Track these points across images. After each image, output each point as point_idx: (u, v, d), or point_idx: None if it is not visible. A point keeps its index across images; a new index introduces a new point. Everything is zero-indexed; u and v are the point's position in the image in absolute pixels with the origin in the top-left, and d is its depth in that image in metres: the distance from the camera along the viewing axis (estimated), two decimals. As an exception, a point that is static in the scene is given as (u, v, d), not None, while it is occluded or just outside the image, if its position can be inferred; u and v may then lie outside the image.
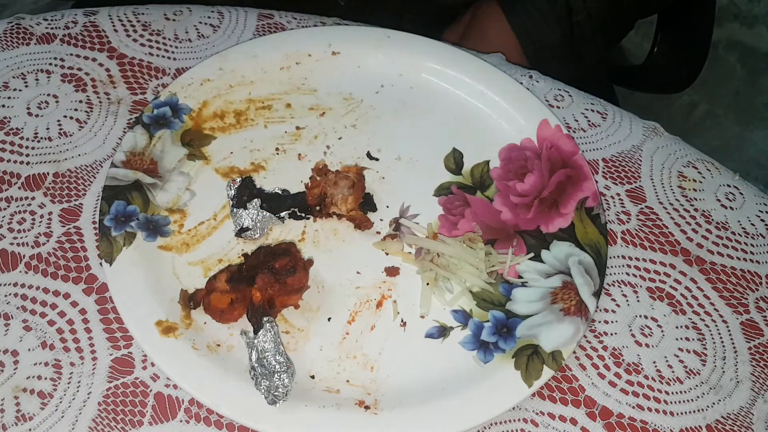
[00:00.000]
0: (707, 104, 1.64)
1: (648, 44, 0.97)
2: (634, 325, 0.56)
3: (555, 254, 0.57)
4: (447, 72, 0.68)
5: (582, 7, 0.77)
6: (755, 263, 0.61)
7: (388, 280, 0.56)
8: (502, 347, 0.52)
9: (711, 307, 0.58)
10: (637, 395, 0.53)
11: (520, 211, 0.60)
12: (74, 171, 0.60)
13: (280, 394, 0.47)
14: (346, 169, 0.59)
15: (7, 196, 0.58)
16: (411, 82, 0.68)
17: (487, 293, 0.55)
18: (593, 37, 0.80)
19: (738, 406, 0.53)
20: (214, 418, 0.49)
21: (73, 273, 0.54)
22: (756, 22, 1.57)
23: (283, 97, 0.66)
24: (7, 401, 0.49)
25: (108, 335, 0.52)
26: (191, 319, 0.52)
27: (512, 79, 0.67)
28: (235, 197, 0.56)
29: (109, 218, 0.55)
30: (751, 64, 1.60)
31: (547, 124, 0.64)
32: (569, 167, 0.62)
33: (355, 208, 0.57)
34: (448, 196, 0.61)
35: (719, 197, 0.65)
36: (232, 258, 0.56)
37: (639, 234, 0.61)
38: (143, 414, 0.49)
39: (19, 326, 0.52)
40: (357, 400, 0.49)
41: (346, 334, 0.53)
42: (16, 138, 0.62)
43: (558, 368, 0.51)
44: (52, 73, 0.66)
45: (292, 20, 0.72)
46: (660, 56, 0.97)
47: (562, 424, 0.51)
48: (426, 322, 0.54)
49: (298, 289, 0.52)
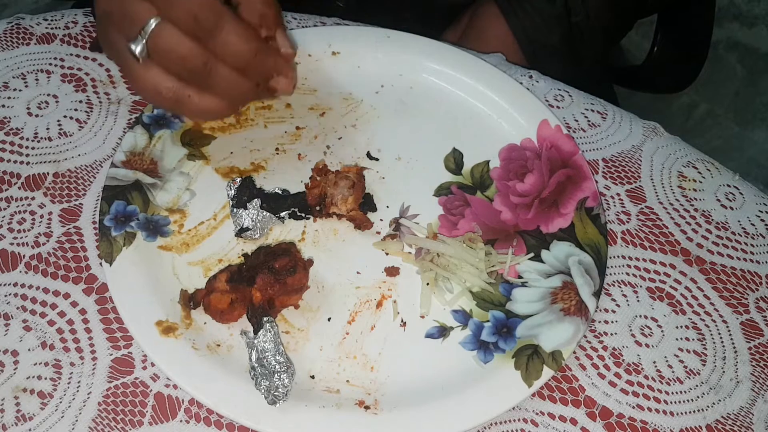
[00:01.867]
0: (707, 104, 1.64)
1: (648, 44, 0.97)
2: (634, 325, 0.56)
3: (555, 254, 0.57)
4: (447, 72, 0.68)
5: (581, 7, 0.77)
6: (755, 263, 0.61)
7: (388, 280, 0.56)
8: (502, 347, 0.52)
9: (711, 307, 0.58)
10: (637, 395, 0.53)
11: (520, 211, 0.60)
12: (74, 171, 0.60)
13: (280, 394, 0.47)
14: (346, 169, 0.59)
15: (7, 196, 0.58)
16: (411, 82, 0.68)
17: (487, 293, 0.55)
18: (592, 38, 0.80)
19: (738, 406, 0.53)
20: (214, 418, 0.49)
21: (73, 273, 0.54)
22: (756, 22, 1.57)
23: (283, 97, 0.66)
24: (7, 401, 0.49)
25: (108, 335, 0.52)
26: (191, 319, 0.52)
27: (512, 79, 0.67)
28: (235, 197, 0.56)
29: (109, 218, 0.55)
30: (751, 64, 1.60)
31: (547, 124, 0.64)
32: (569, 167, 0.62)
33: (355, 208, 0.57)
34: (448, 196, 0.61)
35: (719, 197, 0.65)
36: (232, 258, 0.56)
37: (639, 234, 0.61)
38: (143, 414, 0.49)
39: (19, 326, 0.52)
40: (357, 400, 0.49)
41: (346, 334, 0.53)
42: (16, 138, 0.62)
43: (558, 368, 0.51)
44: (52, 73, 0.66)
45: (292, 20, 0.72)
46: (660, 56, 0.97)
47: (562, 424, 0.51)
48: (426, 322, 0.54)
49: (298, 289, 0.52)
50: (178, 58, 0.50)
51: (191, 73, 0.52)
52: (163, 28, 0.50)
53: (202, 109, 0.54)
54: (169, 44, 0.50)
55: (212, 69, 0.52)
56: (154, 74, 0.51)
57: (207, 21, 0.50)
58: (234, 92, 0.54)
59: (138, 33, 0.50)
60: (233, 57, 0.52)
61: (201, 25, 0.50)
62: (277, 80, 0.57)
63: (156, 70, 0.51)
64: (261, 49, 0.53)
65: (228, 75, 0.53)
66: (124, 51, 0.51)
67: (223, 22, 0.51)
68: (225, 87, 0.53)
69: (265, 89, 0.57)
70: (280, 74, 0.57)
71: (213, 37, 0.51)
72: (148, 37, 0.50)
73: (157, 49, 0.50)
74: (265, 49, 0.54)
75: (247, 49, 0.52)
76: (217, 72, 0.52)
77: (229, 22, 0.51)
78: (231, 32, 0.51)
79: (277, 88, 0.57)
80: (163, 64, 0.51)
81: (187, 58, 0.50)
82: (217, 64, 0.52)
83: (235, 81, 0.53)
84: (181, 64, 0.51)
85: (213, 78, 0.52)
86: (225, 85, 0.53)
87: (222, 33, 0.51)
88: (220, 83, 0.53)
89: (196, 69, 0.51)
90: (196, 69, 0.51)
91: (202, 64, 0.51)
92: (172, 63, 0.51)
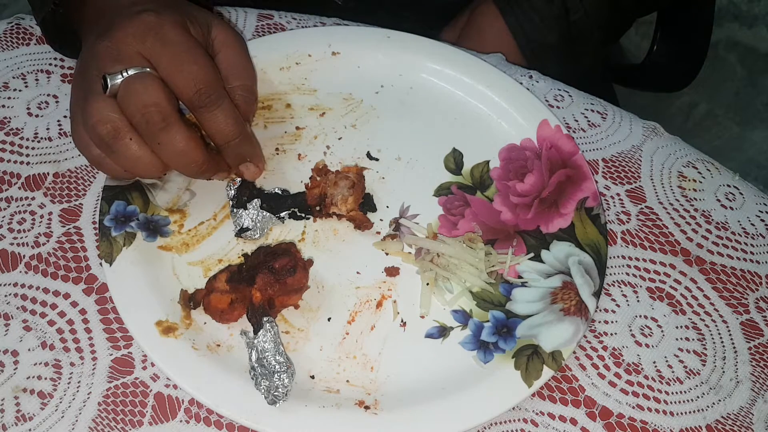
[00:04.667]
0: (707, 104, 1.64)
1: (647, 43, 0.97)
2: (634, 325, 0.56)
3: (555, 254, 0.57)
4: (447, 72, 0.68)
5: (579, 6, 0.77)
6: (755, 263, 0.61)
7: (388, 280, 0.56)
8: (502, 347, 0.52)
9: (711, 307, 0.58)
10: (637, 395, 0.53)
11: (520, 211, 0.60)
12: (74, 171, 0.60)
13: (280, 394, 0.47)
14: (346, 169, 0.59)
15: (7, 196, 0.58)
16: (411, 82, 0.68)
17: (487, 293, 0.55)
18: (591, 36, 0.80)
19: (738, 406, 0.53)
20: (214, 418, 0.49)
21: (73, 273, 0.54)
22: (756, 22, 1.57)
23: (283, 97, 0.66)
24: (7, 401, 0.49)
25: (108, 335, 0.52)
26: (191, 319, 0.52)
27: (512, 79, 0.67)
28: (235, 197, 0.56)
29: (109, 218, 0.55)
30: (751, 64, 1.60)
31: (547, 124, 0.64)
32: (569, 167, 0.62)
33: (355, 209, 0.57)
34: (448, 196, 0.61)
35: (719, 197, 0.65)
36: (232, 258, 0.56)
37: (639, 234, 0.61)
38: (143, 414, 0.49)
39: (19, 326, 0.52)
40: (357, 400, 0.49)
41: (346, 334, 0.53)
42: (16, 138, 0.62)
43: (558, 368, 0.51)
44: (52, 73, 0.66)
45: (292, 20, 0.72)
46: (659, 55, 0.97)
47: (562, 424, 0.51)
48: (426, 322, 0.54)
49: (298, 289, 0.52)
50: (142, 106, 0.48)
51: (147, 124, 0.49)
52: (148, 77, 0.49)
53: (135, 157, 0.50)
54: (143, 91, 0.48)
55: (171, 128, 0.49)
56: (108, 105, 0.49)
57: (207, 96, 0.50)
58: (182, 161, 0.51)
59: (120, 71, 0.49)
60: (217, 136, 0.52)
61: (200, 97, 0.50)
62: (247, 166, 0.56)
63: (112, 104, 0.49)
64: (244, 136, 0.53)
65: (186, 142, 0.50)
66: (92, 79, 0.50)
67: (224, 101, 0.51)
68: (176, 151, 0.50)
69: (231, 170, 0.56)
70: (252, 161, 0.56)
71: (203, 113, 0.51)
72: (128, 76, 0.49)
73: (129, 89, 0.49)
74: (246, 136, 0.54)
75: (232, 132, 0.52)
76: (175, 134, 0.50)
77: (227, 106, 0.51)
78: (222, 113, 0.51)
79: (244, 173, 0.56)
80: (125, 105, 0.49)
81: (153, 109, 0.48)
82: (178, 128, 0.50)
83: (191, 151, 0.51)
84: (141, 111, 0.48)
85: (168, 136, 0.49)
86: (178, 149, 0.50)
87: (211, 112, 0.51)
88: (176, 146, 0.50)
89: (155, 121, 0.48)
90: (155, 121, 0.48)
91: (162, 120, 0.49)
92: (132, 105, 0.49)
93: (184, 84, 0.50)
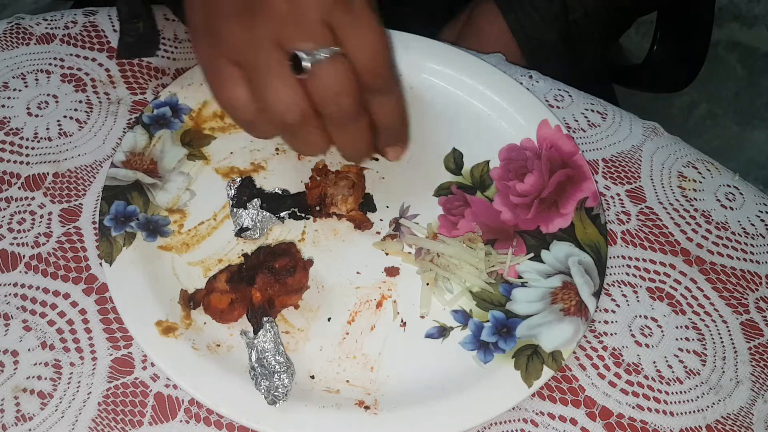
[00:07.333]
0: (707, 104, 1.64)
1: (648, 43, 0.97)
2: (634, 325, 0.56)
3: (555, 254, 0.57)
4: (447, 72, 0.68)
5: (579, 5, 0.77)
6: (755, 263, 0.61)
7: (388, 280, 0.56)
8: (502, 347, 0.52)
9: (711, 307, 0.58)
10: (637, 395, 0.53)
11: (520, 211, 0.60)
12: (74, 171, 0.60)
13: (280, 394, 0.47)
14: (346, 169, 0.59)
15: (7, 196, 0.58)
16: (411, 82, 0.68)
17: (487, 293, 0.55)
18: (591, 36, 0.80)
19: (738, 406, 0.53)
20: (214, 418, 0.49)
21: (73, 273, 0.54)
22: (756, 22, 1.57)
23: (283, 97, 0.65)
24: (7, 401, 0.49)
25: (108, 335, 0.52)
26: (191, 319, 0.52)
27: (512, 79, 0.67)
28: (235, 197, 0.56)
29: (109, 218, 0.55)
30: (751, 64, 1.60)
31: (547, 124, 0.64)
32: (569, 167, 0.62)
33: (355, 208, 0.57)
34: (448, 196, 0.61)
35: (719, 197, 0.65)
36: (232, 258, 0.56)
37: (639, 234, 0.61)
38: (143, 414, 0.49)
39: (19, 326, 0.52)
40: (357, 400, 0.49)
41: (346, 334, 0.53)
42: (16, 138, 0.62)
43: (558, 368, 0.51)
44: (52, 73, 0.66)
45: (292, 20, 0.72)
46: (660, 55, 0.97)
47: (562, 424, 0.51)
48: (426, 322, 0.54)
49: (298, 289, 0.52)
50: (335, 94, 0.45)
51: (338, 113, 0.46)
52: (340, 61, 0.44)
53: (313, 142, 0.48)
54: (337, 78, 0.44)
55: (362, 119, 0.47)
56: (297, 92, 0.45)
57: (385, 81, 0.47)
58: (358, 149, 0.50)
59: (313, 48, 0.44)
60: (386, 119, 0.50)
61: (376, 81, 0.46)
62: (395, 149, 0.54)
63: (300, 89, 0.45)
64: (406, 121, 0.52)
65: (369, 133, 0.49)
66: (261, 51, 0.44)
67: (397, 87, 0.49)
68: (358, 140, 0.49)
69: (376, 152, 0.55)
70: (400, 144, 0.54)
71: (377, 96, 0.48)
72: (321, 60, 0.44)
73: (323, 74, 0.44)
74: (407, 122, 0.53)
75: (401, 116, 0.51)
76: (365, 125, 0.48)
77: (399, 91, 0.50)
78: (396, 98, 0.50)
79: (389, 154, 0.54)
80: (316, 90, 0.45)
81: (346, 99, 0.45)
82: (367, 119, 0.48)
83: (370, 140, 0.49)
84: (335, 100, 0.45)
85: (357, 127, 0.47)
86: (361, 138, 0.49)
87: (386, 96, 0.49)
88: (361, 135, 0.48)
89: (348, 111, 0.46)
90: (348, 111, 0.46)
91: (356, 111, 0.46)
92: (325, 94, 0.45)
93: (368, 67, 0.45)
